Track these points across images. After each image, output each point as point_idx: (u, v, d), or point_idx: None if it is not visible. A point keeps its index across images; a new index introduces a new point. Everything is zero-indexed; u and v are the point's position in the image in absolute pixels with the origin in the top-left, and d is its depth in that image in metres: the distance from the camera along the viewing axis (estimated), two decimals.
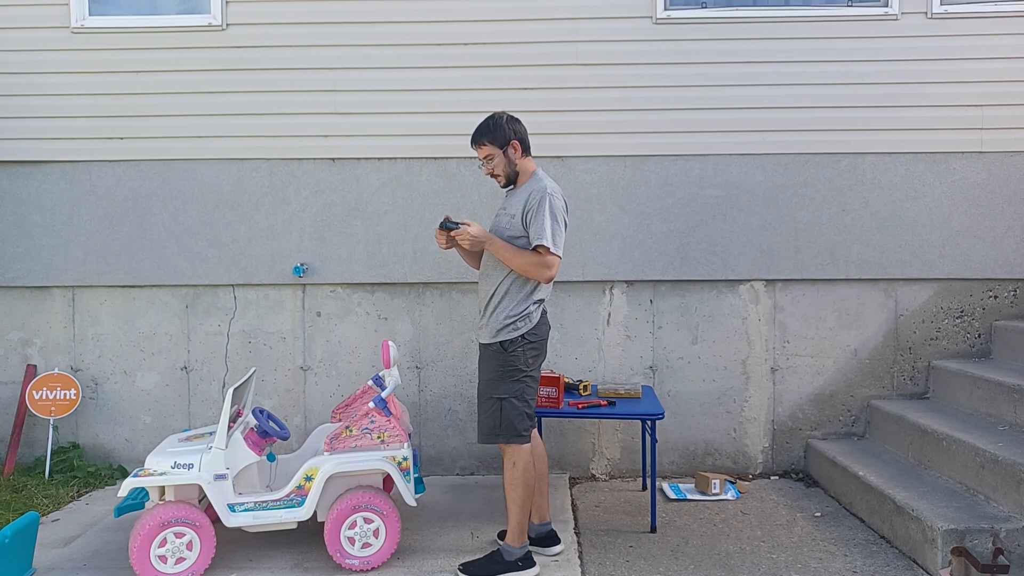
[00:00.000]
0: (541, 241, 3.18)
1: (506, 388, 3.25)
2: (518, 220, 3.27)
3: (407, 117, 4.61)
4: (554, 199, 3.23)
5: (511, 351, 3.26)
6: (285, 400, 4.77)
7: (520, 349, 3.26)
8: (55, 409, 4.60)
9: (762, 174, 4.64)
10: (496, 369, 3.28)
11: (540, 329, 3.33)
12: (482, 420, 3.33)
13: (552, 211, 3.20)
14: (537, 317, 3.31)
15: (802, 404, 4.72)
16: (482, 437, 3.33)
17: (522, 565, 3.30)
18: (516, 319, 3.26)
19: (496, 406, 3.26)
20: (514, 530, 3.31)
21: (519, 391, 3.27)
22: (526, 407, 3.29)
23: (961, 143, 4.61)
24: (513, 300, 3.27)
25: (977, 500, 3.55)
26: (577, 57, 4.61)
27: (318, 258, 4.70)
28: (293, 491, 3.39)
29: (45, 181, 4.73)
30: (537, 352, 3.32)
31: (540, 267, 3.20)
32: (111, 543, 3.72)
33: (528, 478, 3.28)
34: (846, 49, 4.58)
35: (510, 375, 3.26)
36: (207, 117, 4.67)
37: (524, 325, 3.26)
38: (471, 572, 3.31)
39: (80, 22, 4.65)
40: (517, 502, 3.27)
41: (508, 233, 3.30)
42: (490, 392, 3.29)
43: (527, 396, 3.29)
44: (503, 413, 3.25)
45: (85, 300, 4.78)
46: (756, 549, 3.66)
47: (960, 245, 4.63)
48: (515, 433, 3.26)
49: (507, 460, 3.29)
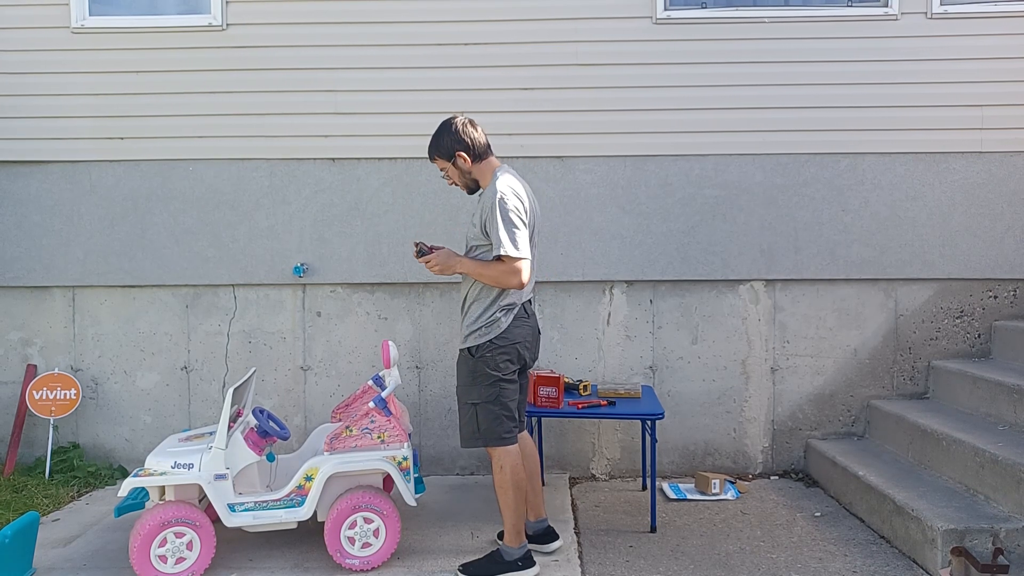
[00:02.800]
0: (499, 251, 3.14)
1: (478, 393, 3.26)
2: (479, 228, 3.26)
3: (407, 117, 4.61)
4: (504, 201, 3.16)
5: (479, 356, 3.25)
6: (285, 400, 4.77)
7: (489, 354, 3.24)
8: (55, 409, 4.60)
9: (762, 174, 4.64)
10: (467, 375, 3.29)
11: (512, 333, 3.27)
12: (461, 425, 3.35)
13: (504, 215, 3.14)
14: (507, 322, 3.26)
15: (802, 404, 4.72)
16: (463, 441, 3.34)
17: (522, 565, 3.31)
18: (483, 325, 3.25)
19: (471, 411, 3.28)
20: (510, 531, 3.32)
21: (493, 395, 3.25)
22: (503, 410, 3.26)
23: (961, 143, 4.60)
24: (480, 307, 3.27)
25: (977, 500, 3.55)
26: (577, 57, 4.61)
27: (318, 258, 4.70)
28: (293, 491, 3.39)
29: (45, 181, 4.73)
30: (509, 356, 3.27)
31: (508, 275, 3.17)
32: (111, 543, 3.72)
33: (518, 479, 3.28)
34: (846, 49, 4.58)
35: (481, 380, 3.25)
36: (207, 117, 4.67)
37: (492, 331, 3.24)
38: (471, 572, 3.31)
39: (80, 22, 4.65)
40: (510, 504, 3.28)
41: (474, 242, 3.31)
42: (465, 397, 3.31)
43: (503, 399, 3.27)
44: (479, 418, 3.26)
45: (85, 300, 4.78)
46: (756, 549, 3.66)
47: (960, 245, 4.64)
48: (495, 436, 3.26)
49: (494, 464, 3.30)
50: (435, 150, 3.35)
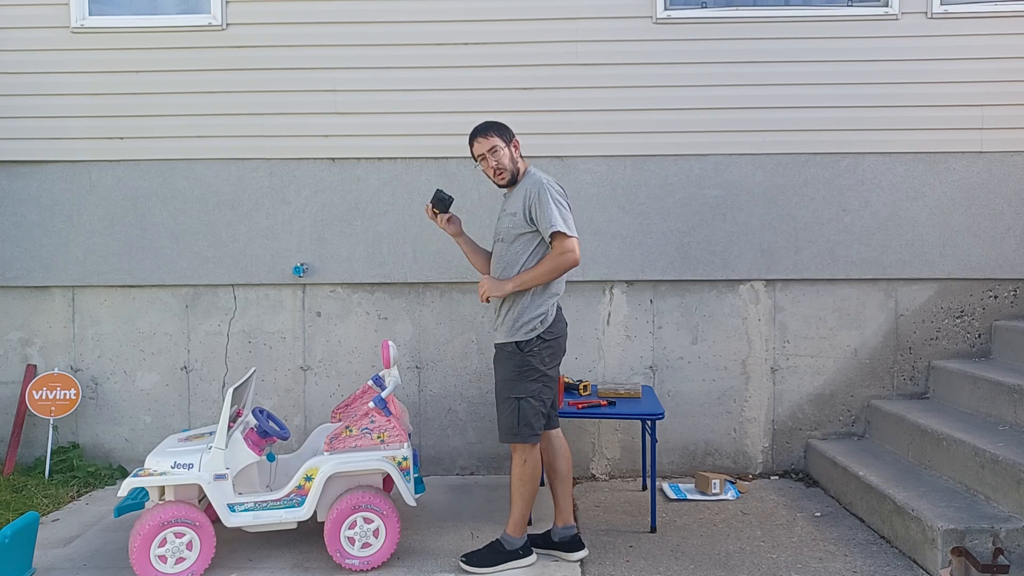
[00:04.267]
0: (554, 227, 3.22)
1: (523, 388, 3.30)
2: (520, 217, 3.31)
3: (407, 117, 4.61)
4: (551, 187, 3.30)
5: (527, 351, 3.30)
6: (285, 400, 4.77)
7: (536, 349, 3.30)
8: (55, 409, 4.60)
9: (762, 174, 4.64)
10: (512, 369, 3.32)
11: (556, 327, 3.36)
12: (501, 419, 3.37)
13: (554, 198, 3.26)
14: (553, 315, 3.35)
15: (802, 404, 4.72)
16: (503, 436, 3.37)
17: (522, 553, 3.42)
18: (532, 319, 3.30)
19: (514, 406, 3.30)
20: (517, 522, 3.41)
21: (536, 391, 3.32)
22: (543, 406, 3.34)
23: (961, 143, 4.60)
24: (529, 300, 3.31)
25: (977, 500, 3.55)
26: (577, 57, 4.61)
27: (318, 258, 4.70)
28: (293, 491, 3.39)
29: (45, 181, 4.72)
30: (554, 351, 3.36)
31: (563, 256, 3.24)
32: (111, 543, 3.72)
33: (537, 475, 3.38)
34: (846, 49, 4.58)
35: (527, 375, 3.30)
36: (207, 117, 4.67)
37: (540, 325, 3.30)
38: (474, 562, 3.38)
39: (80, 22, 4.65)
40: (525, 497, 3.37)
41: (514, 232, 3.34)
42: (507, 392, 3.33)
43: (544, 395, 3.34)
44: (521, 412, 3.30)
45: (85, 300, 4.78)
46: (756, 549, 3.65)
47: (960, 245, 4.63)
48: (532, 432, 3.32)
49: (517, 457, 3.35)
50: (494, 128, 3.39)
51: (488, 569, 3.36)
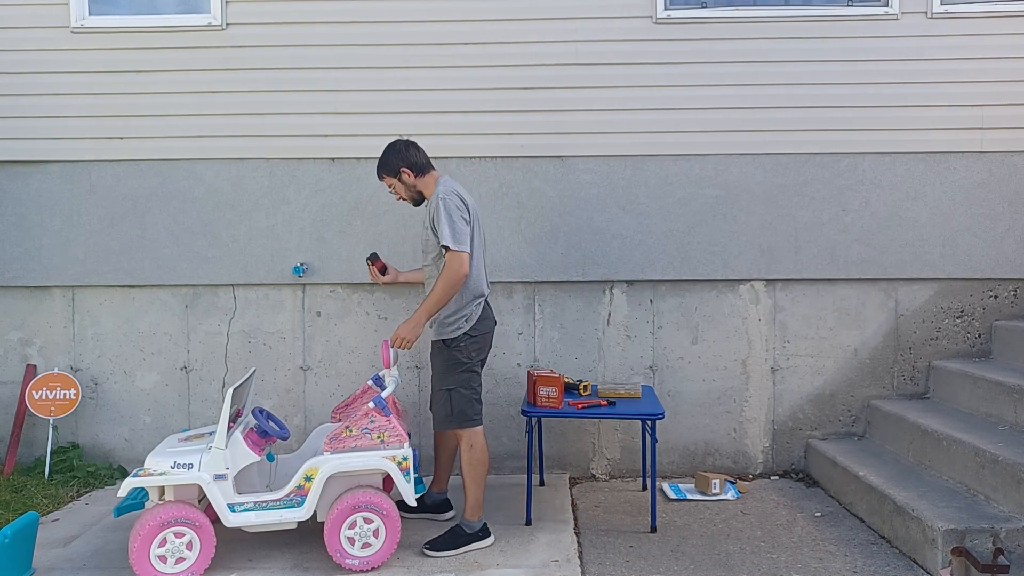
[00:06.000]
0: (442, 242, 3.47)
1: (452, 379, 3.61)
2: (430, 232, 3.59)
3: (407, 117, 4.61)
4: (447, 201, 3.50)
5: (453, 347, 3.61)
6: (285, 400, 4.77)
7: (463, 344, 3.61)
8: (55, 409, 4.60)
9: (762, 174, 4.64)
10: (443, 363, 3.64)
11: (482, 324, 3.67)
12: (435, 409, 3.68)
13: (447, 212, 3.48)
14: (478, 314, 3.64)
15: (802, 404, 4.72)
16: (437, 424, 3.69)
17: (481, 535, 3.64)
18: (458, 319, 3.60)
19: (446, 396, 3.61)
20: (472, 505, 3.63)
21: (465, 380, 3.62)
22: (473, 394, 3.64)
23: (961, 143, 4.61)
24: (456, 303, 3.59)
25: (977, 500, 3.55)
26: (577, 57, 4.61)
27: (318, 258, 4.70)
28: (293, 491, 3.39)
29: (45, 181, 4.72)
30: (480, 345, 3.68)
31: (450, 272, 3.47)
32: (111, 543, 3.72)
33: (484, 458, 3.64)
34: (846, 49, 4.58)
35: (455, 368, 3.61)
36: (207, 117, 4.67)
37: (466, 324, 3.61)
38: (437, 547, 3.56)
39: (80, 22, 4.65)
40: (477, 480, 3.61)
41: (431, 245, 3.62)
42: (439, 384, 3.65)
43: (473, 384, 3.65)
44: (452, 402, 3.60)
45: (85, 300, 4.78)
46: (756, 549, 3.65)
47: (960, 245, 4.63)
48: (466, 418, 3.61)
49: (464, 443, 3.62)
50: (382, 169, 3.73)
51: (450, 552, 3.54)
